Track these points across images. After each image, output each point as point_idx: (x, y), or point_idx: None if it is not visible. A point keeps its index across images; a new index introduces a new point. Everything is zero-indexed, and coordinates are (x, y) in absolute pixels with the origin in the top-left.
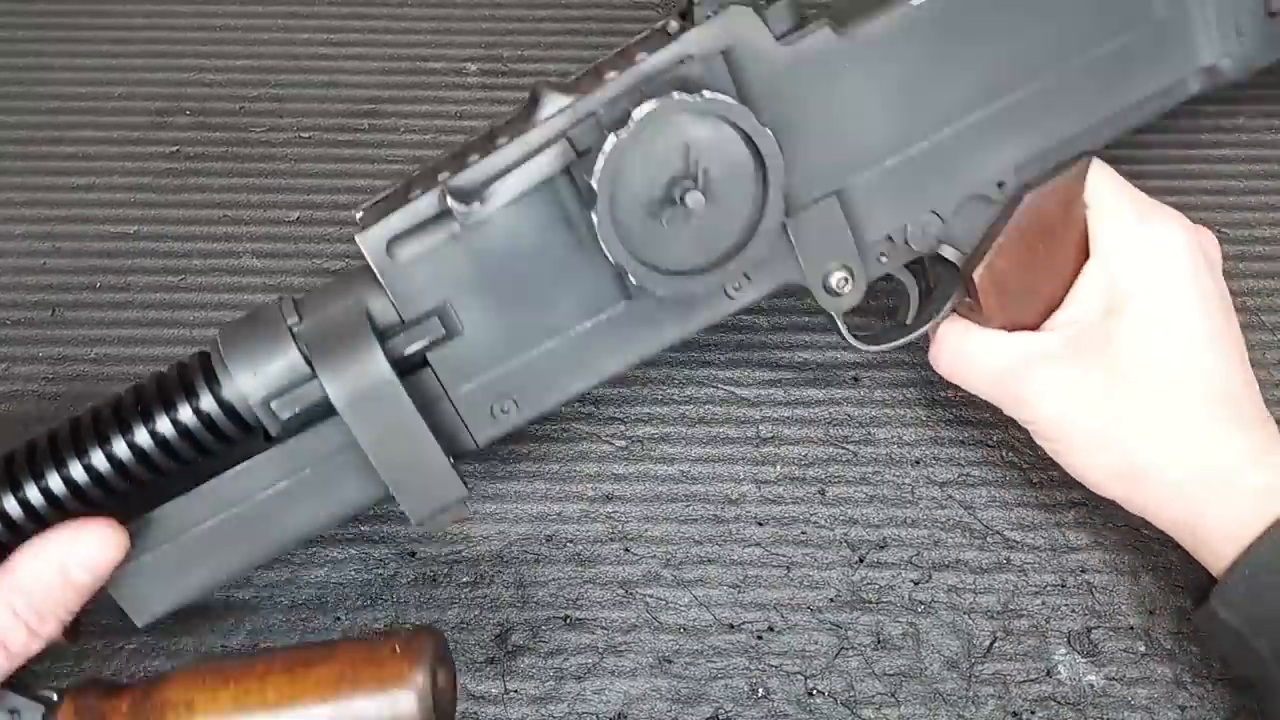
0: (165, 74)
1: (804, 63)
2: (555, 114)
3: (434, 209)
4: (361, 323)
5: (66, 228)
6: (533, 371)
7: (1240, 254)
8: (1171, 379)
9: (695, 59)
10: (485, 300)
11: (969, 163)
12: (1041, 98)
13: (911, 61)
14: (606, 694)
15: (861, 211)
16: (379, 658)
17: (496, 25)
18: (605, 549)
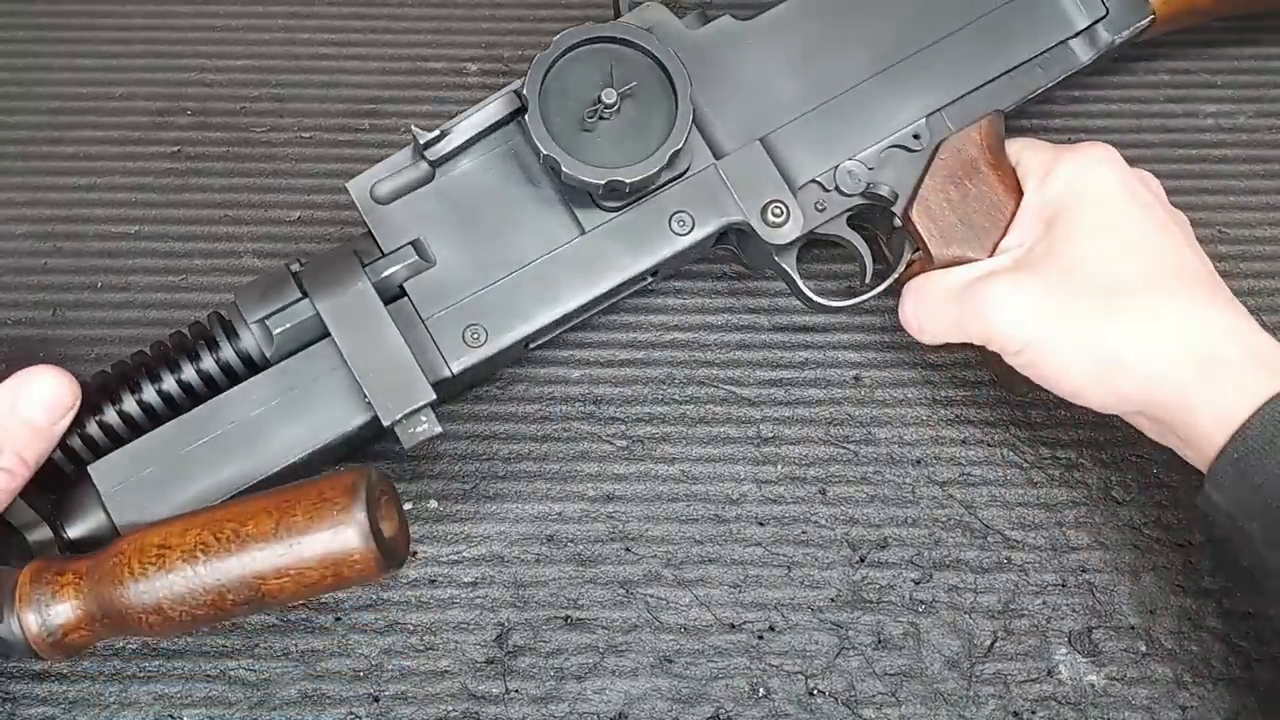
0: (166, 74)
1: (712, 41)
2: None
3: (408, 156)
4: (347, 253)
5: (67, 228)
6: (499, 300)
7: (1240, 254)
8: (1123, 269)
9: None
10: (454, 235)
11: (876, 114)
12: (929, 61)
13: (805, 36)
14: (607, 694)
15: (785, 156)
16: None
17: (497, 25)
18: (606, 549)
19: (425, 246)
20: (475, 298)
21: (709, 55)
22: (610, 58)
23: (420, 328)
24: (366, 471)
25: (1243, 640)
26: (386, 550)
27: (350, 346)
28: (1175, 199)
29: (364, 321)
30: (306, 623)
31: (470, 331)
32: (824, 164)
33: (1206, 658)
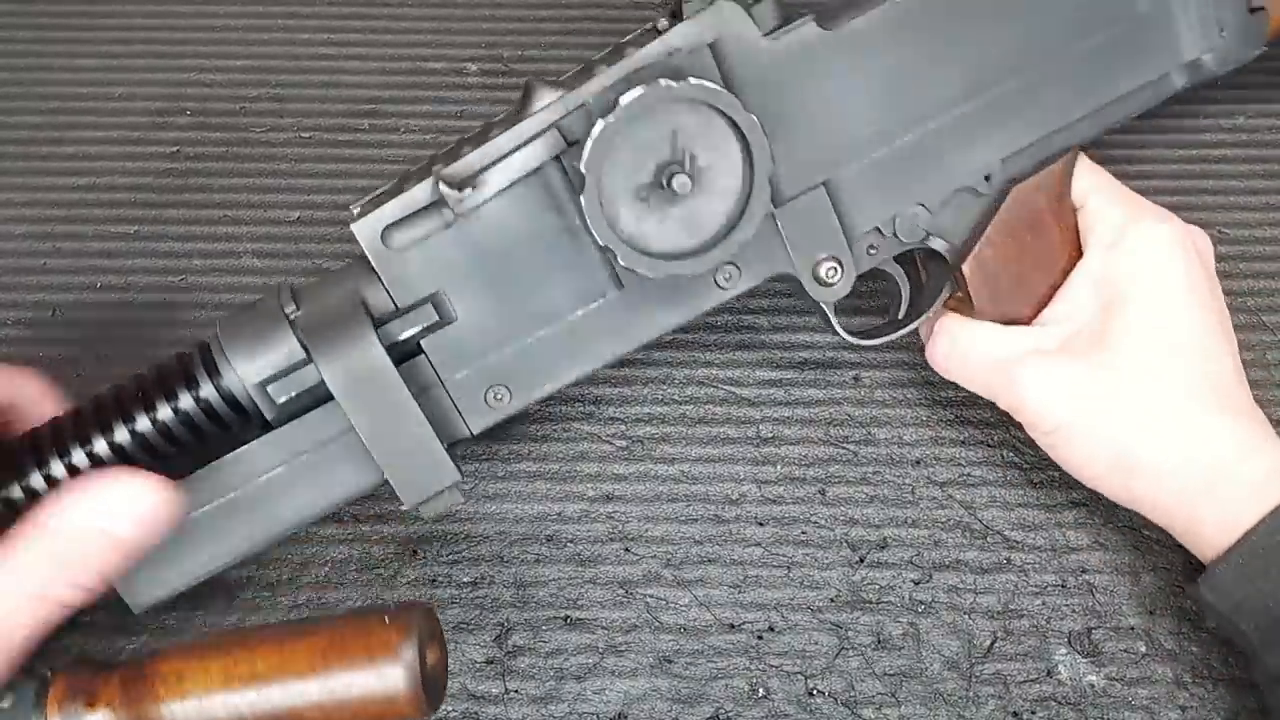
0: (165, 74)
1: (790, 57)
2: (546, 105)
3: (427, 197)
4: (357, 309)
5: (66, 228)
6: (525, 358)
7: (1240, 254)
8: (1164, 374)
9: (682, 51)
10: (478, 288)
11: (955, 156)
12: (1026, 92)
13: (897, 56)
14: (607, 694)
15: (849, 203)
16: (368, 629)
17: (497, 25)
18: (605, 549)
19: (445, 301)
20: (500, 356)
21: (783, 78)
22: (677, 109)
23: (438, 388)
24: (418, 612)
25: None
26: (431, 694)
27: (365, 425)
28: (1175, 199)
29: (379, 397)
30: None
31: (493, 392)
32: (889, 211)
33: (1207, 658)
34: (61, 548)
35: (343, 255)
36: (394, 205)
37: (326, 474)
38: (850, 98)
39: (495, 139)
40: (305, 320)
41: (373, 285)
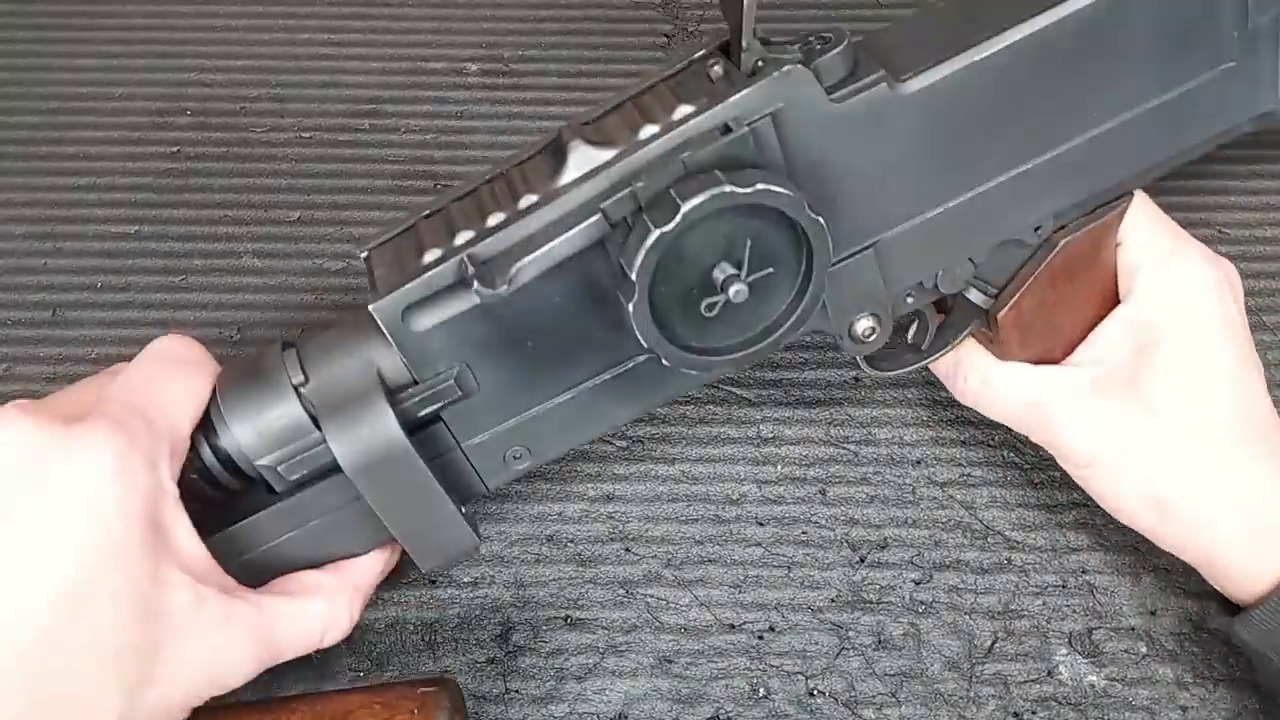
0: (166, 74)
1: (854, 119)
2: (586, 175)
3: (452, 278)
4: (373, 386)
5: (66, 228)
6: (546, 421)
7: (1240, 254)
8: (1199, 413)
9: (744, 129)
10: (503, 361)
11: (1010, 212)
12: (1097, 147)
13: (966, 117)
14: (607, 694)
15: (895, 262)
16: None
17: (497, 25)
18: (606, 549)
19: (468, 375)
20: (521, 421)
21: (844, 140)
22: (742, 221)
23: (455, 452)
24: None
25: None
26: None
27: (380, 502)
28: (1175, 199)
29: (395, 474)
30: None
31: (512, 452)
32: (935, 268)
33: (1207, 658)
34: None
35: (343, 255)
36: (416, 286)
37: (338, 535)
38: (910, 159)
39: (530, 215)
40: (315, 393)
41: (389, 357)
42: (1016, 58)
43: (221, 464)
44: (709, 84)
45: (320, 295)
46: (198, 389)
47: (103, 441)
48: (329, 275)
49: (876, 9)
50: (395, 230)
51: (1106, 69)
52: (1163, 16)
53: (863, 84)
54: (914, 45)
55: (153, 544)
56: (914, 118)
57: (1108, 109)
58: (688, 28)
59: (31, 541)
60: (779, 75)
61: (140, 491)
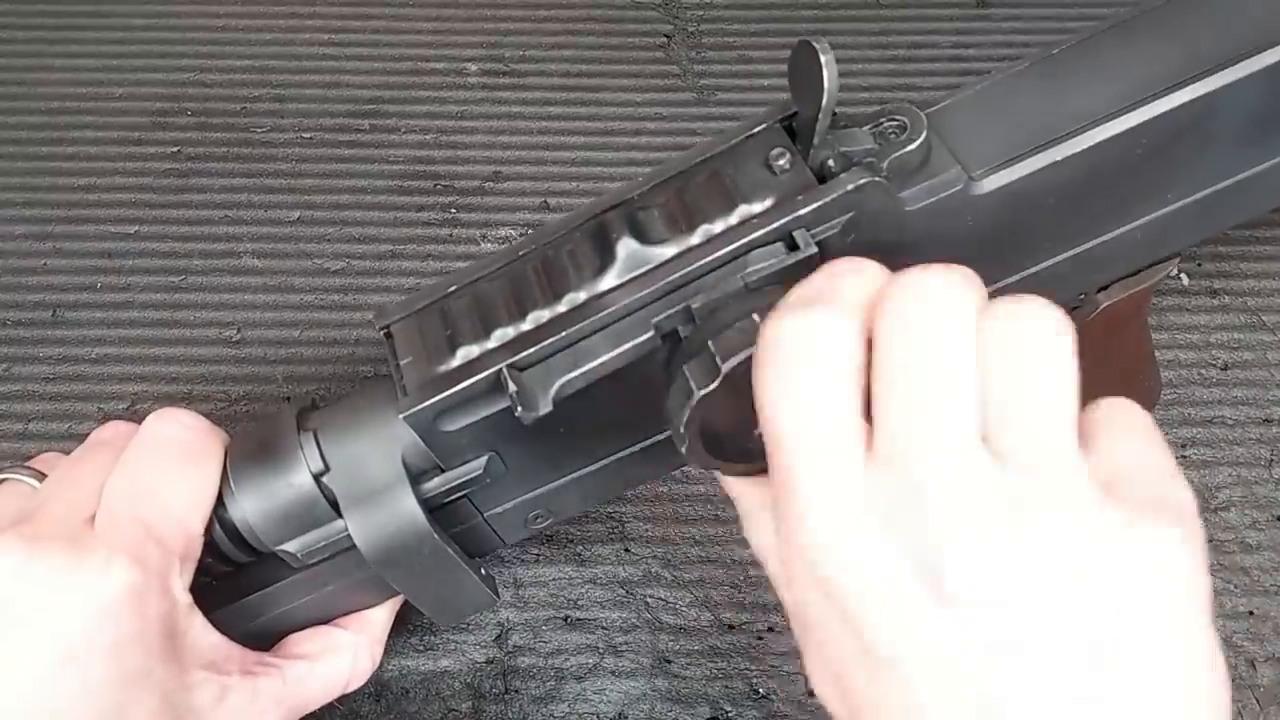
0: (166, 74)
1: (925, 220)
2: (636, 279)
3: (488, 387)
4: (398, 477)
5: (66, 228)
6: (571, 489)
7: (1240, 254)
8: None
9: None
10: (532, 448)
11: (1067, 284)
12: (1164, 223)
13: (1037, 210)
14: (606, 694)
15: None
16: None
17: (497, 25)
18: (606, 549)
19: (498, 462)
20: (545, 491)
21: (912, 235)
22: None
23: (477, 519)
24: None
25: (1244, 640)
26: None
27: (401, 581)
28: None
29: (418, 557)
30: None
31: (534, 515)
32: None
33: None
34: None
35: (343, 255)
36: (453, 394)
37: (352, 597)
38: (971, 246)
39: (575, 324)
40: (338, 484)
41: (416, 448)
42: (1100, 154)
43: (233, 542)
44: (772, 177)
45: (320, 295)
46: (207, 481)
47: (114, 577)
48: (329, 275)
49: (877, 9)
50: (418, 304)
51: (1189, 158)
52: (1256, 108)
53: (938, 184)
54: (990, 129)
55: (172, 657)
56: (983, 214)
57: (1180, 191)
58: (688, 28)
59: (49, 682)
60: (854, 189)
61: (156, 616)
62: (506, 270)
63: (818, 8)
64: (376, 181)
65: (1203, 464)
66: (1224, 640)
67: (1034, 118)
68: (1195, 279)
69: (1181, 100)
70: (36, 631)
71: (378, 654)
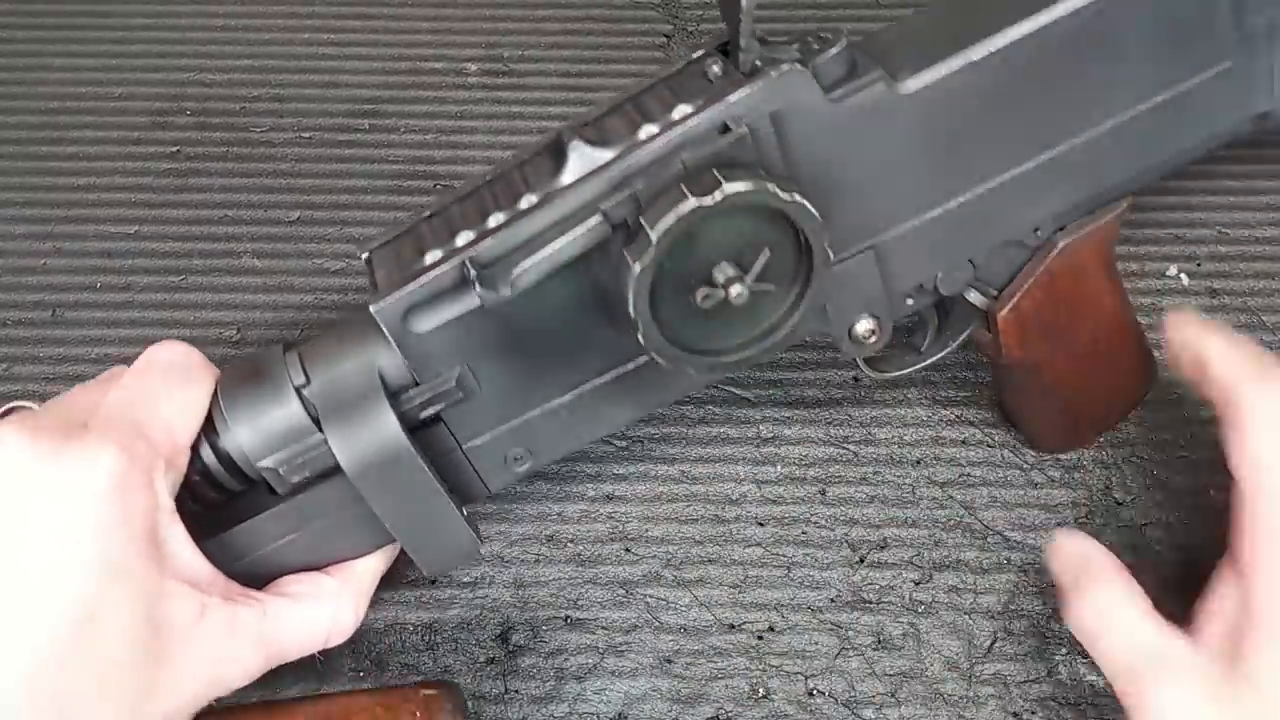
0: (165, 74)
1: (852, 119)
2: (586, 176)
3: (453, 280)
4: (374, 387)
5: (66, 228)
6: (548, 423)
7: (1240, 254)
8: None
9: (742, 127)
10: (504, 362)
11: (1010, 213)
12: (1092, 147)
13: (963, 115)
14: (607, 694)
15: (895, 263)
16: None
17: (497, 25)
18: (606, 549)
19: (469, 376)
20: (522, 423)
21: (843, 141)
22: (752, 220)
23: (456, 453)
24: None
25: None
26: None
27: (381, 504)
28: (1175, 198)
29: (397, 476)
30: None
31: (513, 454)
32: (934, 270)
33: None
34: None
35: (343, 255)
36: (417, 288)
37: (338, 537)
38: (908, 158)
39: (530, 216)
40: (317, 395)
41: (391, 357)
42: (1012, 57)
43: (223, 465)
44: (707, 84)
45: (320, 295)
46: (197, 399)
47: (101, 461)
48: (329, 275)
49: (876, 9)
50: (396, 232)
51: (1102, 69)
52: (1158, 17)
53: (860, 83)
54: (911, 45)
55: (153, 558)
56: (912, 118)
57: (1105, 109)
58: (688, 28)
59: (32, 562)
60: (777, 76)
61: (139, 509)
62: (474, 192)
63: (817, 7)
64: (376, 181)
65: (1203, 464)
66: None
67: (950, 33)
68: (1195, 279)
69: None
70: (22, 512)
71: (361, 609)
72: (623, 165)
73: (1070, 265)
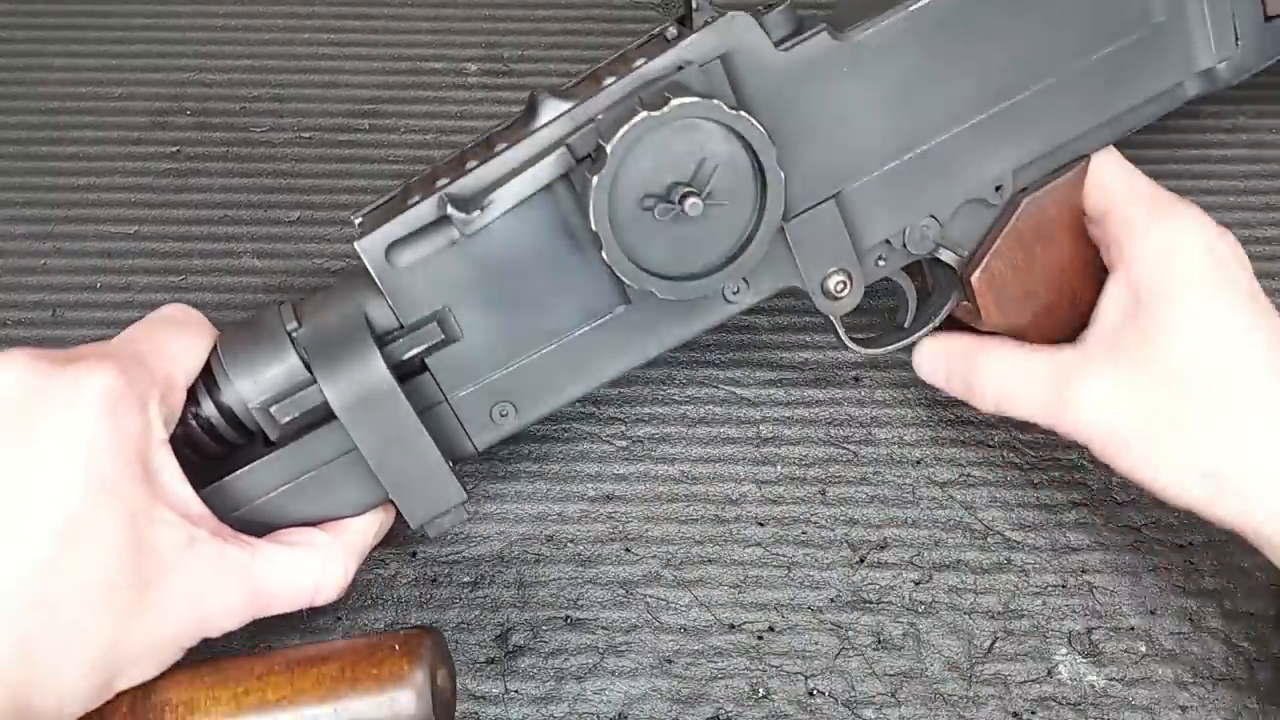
0: (165, 74)
1: (802, 68)
2: (553, 120)
3: (432, 215)
4: (360, 327)
5: (66, 228)
6: (531, 375)
7: None
8: (1228, 371)
9: (693, 65)
10: (485, 305)
11: (967, 167)
12: (1040, 101)
13: (910, 66)
14: (607, 694)
15: (860, 216)
16: (378, 656)
17: (497, 25)
18: (606, 549)
19: (451, 319)
20: (505, 373)
21: (795, 90)
22: (688, 130)
23: (443, 405)
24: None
25: (1243, 641)
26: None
27: (369, 446)
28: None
29: (384, 417)
30: (307, 622)
31: (498, 408)
32: (900, 223)
33: (1207, 658)
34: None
35: (343, 255)
36: (398, 223)
37: (332, 491)
38: (862, 109)
39: (502, 155)
40: (307, 338)
41: (376, 302)
42: (949, 8)
43: (221, 414)
44: (664, 42)
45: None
46: (195, 346)
47: (96, 378)
48: (329, 275)
49: None
50: (387, 196)
51: (1039, 23)
52: None
53: (806, 35)
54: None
55: (143, 480)
56: (860, 68)
57: (1046, 64)
58: None
59: (25, 472)
60: (723, 20)
61: (132, 431)
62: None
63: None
64: (376, 181)
65: None
66: (1223, 641)
67: None
68: None
69: None
70: (16, 423)
71: (351, 568)
72: (585, 106)
73: (1038, 226)
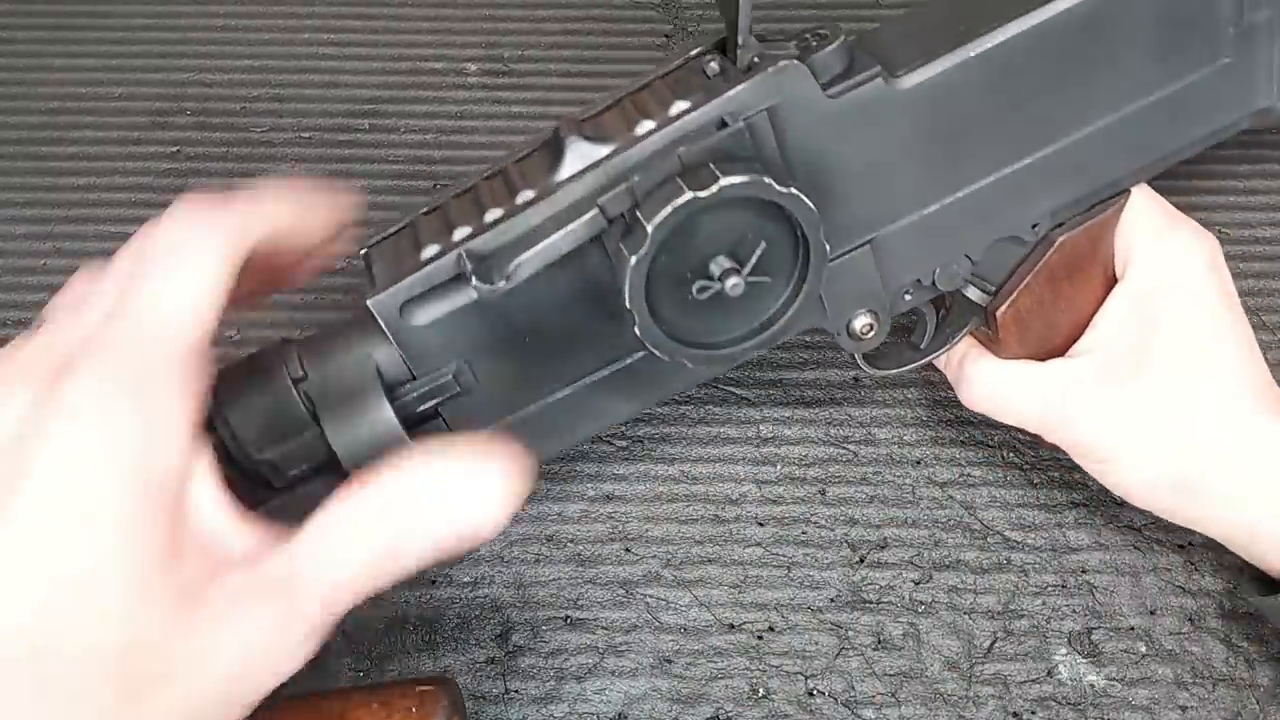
0: (165, 74)
1: (850, 114)
2: (583, 171)
3: (450, 273)
4: (371, 379)
5: (66, 228)
6: (544, 418)
7: (1240, 254)
8: (1211, 386)
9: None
10: (501, 357)
11: (1009, 209)
12: (1093, 143)
13: (961, 114)
14: (607, 694)
15: (893, 259)
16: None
17: (497, 25)
18: (606, 549)
19: (467, 371)
20: (520, 418)
21: (840, 136)
22: (749, 214)
23: None
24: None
25: (1243, 641)
26: None
27: None
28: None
29: None
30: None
31: None
32: (932, 265)
33: (1207, 658)
34: None
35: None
36: (414, 280)
37: None
38: (907, 154)
39: (526, 211)
40: (314, 389)
41: (387, 352)
42: (1011, 53)
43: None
44: (705, 80)
45: (320, 295)
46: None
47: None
48: (329, 275)
49: (875, 9)
50: (394, 229)
51: (1102, 65)
52: (1157, 13)
53: (858, 80)
54: (909, 42)
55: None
56: (910, 113)
57: (1104, 105)
58: (687, 28)
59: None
60: (774, 71)
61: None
62: (472, 188)
63: (817, 7)
64: (376, 181)
65: None
66: (1223, 641)
67: (948, 29)
68: None
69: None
70: None
71: None
72: (619, 160)
73: (1068, 262)
